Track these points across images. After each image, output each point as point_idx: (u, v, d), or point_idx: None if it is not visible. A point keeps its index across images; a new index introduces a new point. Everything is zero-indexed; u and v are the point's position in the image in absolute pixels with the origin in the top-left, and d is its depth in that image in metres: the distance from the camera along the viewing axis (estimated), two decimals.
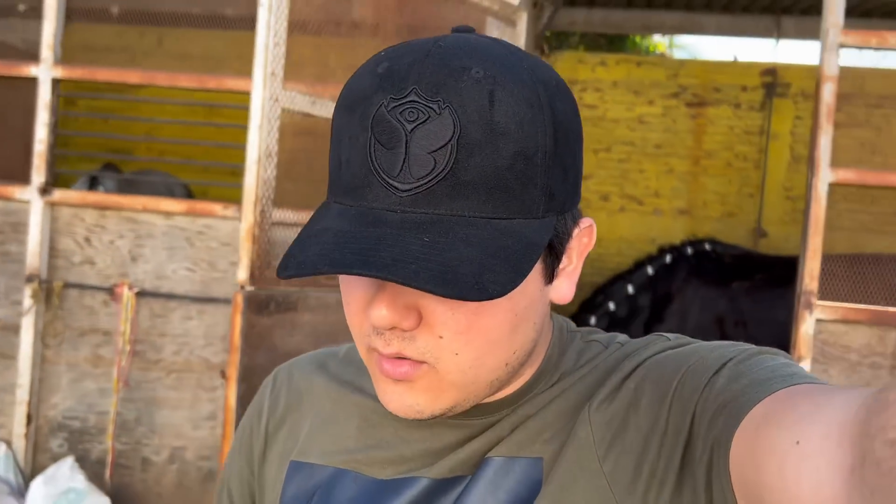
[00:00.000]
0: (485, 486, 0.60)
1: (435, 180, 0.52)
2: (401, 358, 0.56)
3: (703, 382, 0.54)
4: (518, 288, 0.53)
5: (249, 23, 2.44)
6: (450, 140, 0.51)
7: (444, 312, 0.55)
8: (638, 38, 7.61)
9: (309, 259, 0.52)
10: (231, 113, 2.91)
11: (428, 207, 0.52)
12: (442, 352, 0.56)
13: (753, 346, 0.57)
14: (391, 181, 0.52)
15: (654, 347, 0.62)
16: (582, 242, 0.61)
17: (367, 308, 0.56)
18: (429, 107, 0.52)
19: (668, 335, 0.64)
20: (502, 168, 0.52)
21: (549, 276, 0.59)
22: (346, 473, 0.66)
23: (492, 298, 0.50)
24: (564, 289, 0.61)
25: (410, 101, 0.52)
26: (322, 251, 0.52)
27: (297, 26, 2.44)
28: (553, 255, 0.58)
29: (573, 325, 0.69)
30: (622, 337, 0.66)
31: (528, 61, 0.55)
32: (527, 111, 0.53)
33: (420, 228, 0.51)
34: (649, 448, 0.56)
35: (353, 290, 0.58)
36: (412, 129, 0.52)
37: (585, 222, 0.61)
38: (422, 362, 0.56)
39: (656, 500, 0.55)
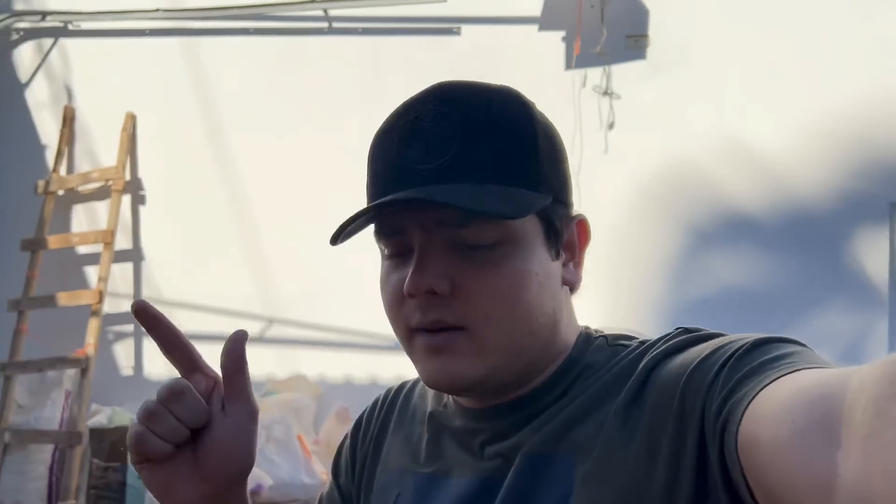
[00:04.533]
0: (520, 483, 0.64)
1: (451, 160, 0.63)
2: (439, 329, 0.64)
3: (710, 376, 0.56)
4: (529, 254, 0.65)
5: None
6: (458, 129, 0.64)
7: (472, 276, 0.63)
8: None
9: (348, 220, 0.64)
10: None
11: (445, 180, 0.63)
12: (476, 314, 0.63)
13: (763, 334, 0.58)
14: (416, 166, 0.63)
15: (672, 343, 0.63)
16: (580, 237, 0.71)
17: (404, 287, 0.64)
18: (442, 111, 0.64)
19: (689, 327, 0.65)
20: (503, 149, 0.64)
21: (555, 251, 0.68)
22: (416, 476, 0.74)
23: (501, 216, 0.62)
24: (573, 273, 0.70)
25: (429, 110, 0.65)
26: (357, 214, 0.64)
27: None
28: (554, 232, 0.67)
29: (603, 330, 0.73)
30: (646, 336, 0.69)
31: (514, 90, 0.69)
32: (516, 112, 0.67)
33: (439, 188, 0.62)
34: (667, 445, 0.57)
35: (389, 279, 0.67)
36: (430, 128, 0.64)
37: (579, 217, 0.71)
38: (458, 328, 0.64)
39: (680, 495, 0.56)
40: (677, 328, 0.66)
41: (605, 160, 3.35)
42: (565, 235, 0.69)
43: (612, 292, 3.32)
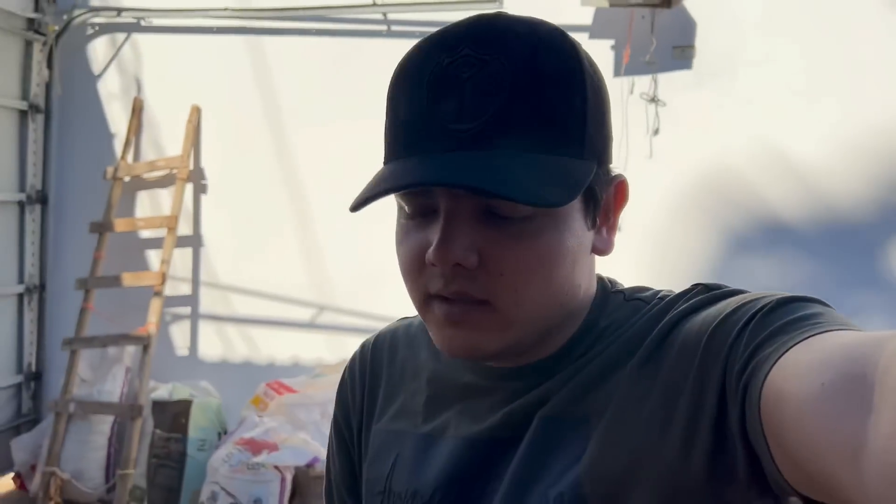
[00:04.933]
0: (536, 445, 0.62)
1: (490, 121, 0.55)
2: (462, 300, 0.59)
3: (733, 334, 0.54)
4: (565, 228, 0.59)
5: None
6: (500, 85, 0.56)
7: (503, 249, 0.58)
8: None
9: (378, 188, 0.56)
10: None
11: (484, 144, 0.55)
12: (503, 289, 0.58)
13: (786, 294, 0.55)
14: (449, 126, 0.56)
15: (692, 302, 0.61)
16: (616, 198, 0.65)
17: (425, 253, 0.59)
18: (481, 59, 0.56)
19: (709, 284, 0.63)
20: (547, 110, 0.57)
21: (592, 220, 0.62)
22: (413, 436, 0.71)
23: (551, 206, 0.56)
24: (605, 240, 0.65)
25: (464, 56, 0.56)
26: (387, 182, 0.57)
27: None
28: (593, 200, 0.61)
29: (620, 283, 0.70)
30: (665, 292, 0.66)
31: (560, 29, 0.61)
32: (566, 64, 0.58)
33: (479, 158, 0.55)
34: (685, 403, 0.56)
35: (409, 239, 0.61)
36: (467, 79, 0.56)
37: (618, 178, 0.64)
38: (482, 301, 0.59)
39: (697, 454, 0.54)
40: (696, 284, 0.64)
41: (650, 165, 3.49)
42: (603, 200, 0.63)
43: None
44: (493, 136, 0.55)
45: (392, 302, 3.68)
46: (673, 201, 3.47)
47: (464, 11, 3.57)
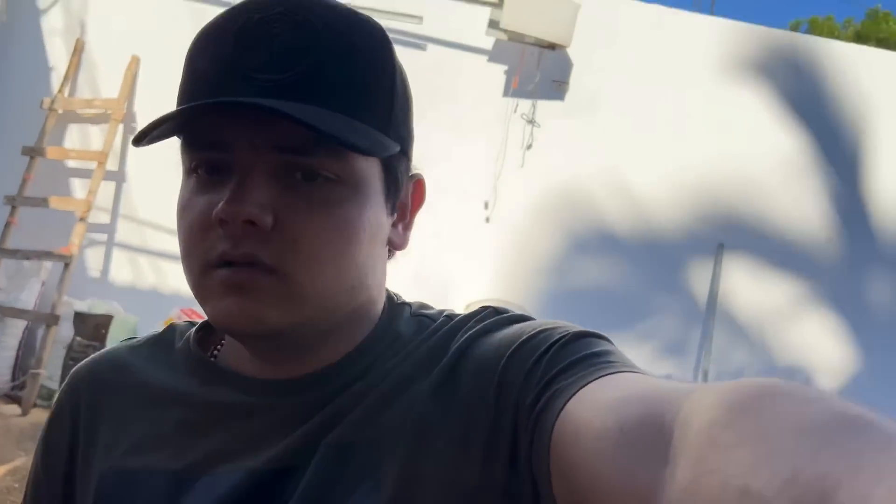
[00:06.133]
0: (322, 475, 0.56)
1: (299, 76, 0.52)
2: (249, 265, 0.53)
3: (530, 363, 0.53)
4: (366, 203, 0.56)
5: None
6: (313, 45, 0.53)
7: (301, 214, 0.54)
8: None
9: (170, 114, 0.51)
10: None
11: (290, 97, 0.52)
12: (297, 257, 0.54)
13: (579, 327, 0.55)
14: (253, 74, 0.52)
15: (484, 324, 0.60)
16: (414, 196, 0.64)
17: (215, 212, 0.53)
18: (294, 19, 0.53)
19: (499, 308, 0.62)
20: (358, 79, 0.55)
21: (391, 206, 0.60)
22: (159, 475, 0.59)
23: (364, 152, 0.53)
24: (401, 236, 0.63)
25: (276, 13, 0.54)
26: (182, 112, 0.51)
27: None
28: (395, 185, 0.60)
29: (402, 297, 0.67)
30: (449, 311, 0.64)
31: (376, 22, 0.59)
32: (379, 46, 0.57)
33: (286, 103, 0.51)
34: (482, 433, 0.54)
35: (195, 200, 0.55)
36: (278, 33, 0.53)
37: (417, 177, 0.64)
38: (272, 270, 0.53)
39: (494, 485, 0.53)
40: (485, 307, 0.63)
41: (521, 173, 4.30)
42: (402, 194, 0.62)
43: (511, 275, 4.28)
44: (300, 91, 0.52)
45: None
46: (535, 206, 4.30)
47: (384, 21, 4.22)
